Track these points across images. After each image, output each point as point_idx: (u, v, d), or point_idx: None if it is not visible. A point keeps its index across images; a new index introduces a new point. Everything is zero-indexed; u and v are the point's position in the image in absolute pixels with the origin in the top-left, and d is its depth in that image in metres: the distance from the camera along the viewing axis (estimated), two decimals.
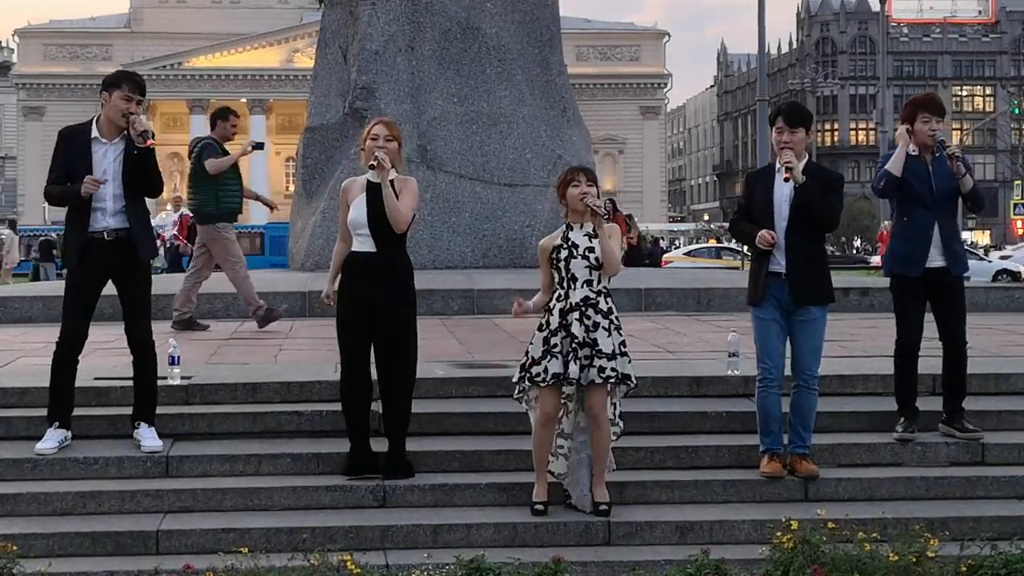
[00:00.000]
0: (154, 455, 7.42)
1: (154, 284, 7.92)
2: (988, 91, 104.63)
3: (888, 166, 7.86)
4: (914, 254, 7.81)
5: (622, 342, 7.01)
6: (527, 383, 7.01)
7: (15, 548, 6.06)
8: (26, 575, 6.03)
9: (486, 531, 6.89)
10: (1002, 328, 12.03)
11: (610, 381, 6.92)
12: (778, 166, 7.44)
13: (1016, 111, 77.21)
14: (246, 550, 6.12)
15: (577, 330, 6.92)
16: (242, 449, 7.58)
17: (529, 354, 7.02)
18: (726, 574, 5.99)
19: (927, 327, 7.94)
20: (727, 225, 8.52)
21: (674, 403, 8.25)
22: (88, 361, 8.87)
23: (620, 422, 7.15)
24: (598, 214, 6.98)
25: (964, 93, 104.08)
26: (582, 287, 7.00)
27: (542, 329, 7.02)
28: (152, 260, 7.81)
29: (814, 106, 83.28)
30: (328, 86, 17.06)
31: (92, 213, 7.45)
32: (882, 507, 7.22)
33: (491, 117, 16.58)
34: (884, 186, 7.84)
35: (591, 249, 7.02)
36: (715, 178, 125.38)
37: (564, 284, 7.03)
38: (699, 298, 14.10)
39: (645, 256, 44.28)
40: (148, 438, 7.49)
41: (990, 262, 42.79)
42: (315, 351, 10.02)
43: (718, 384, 8.42)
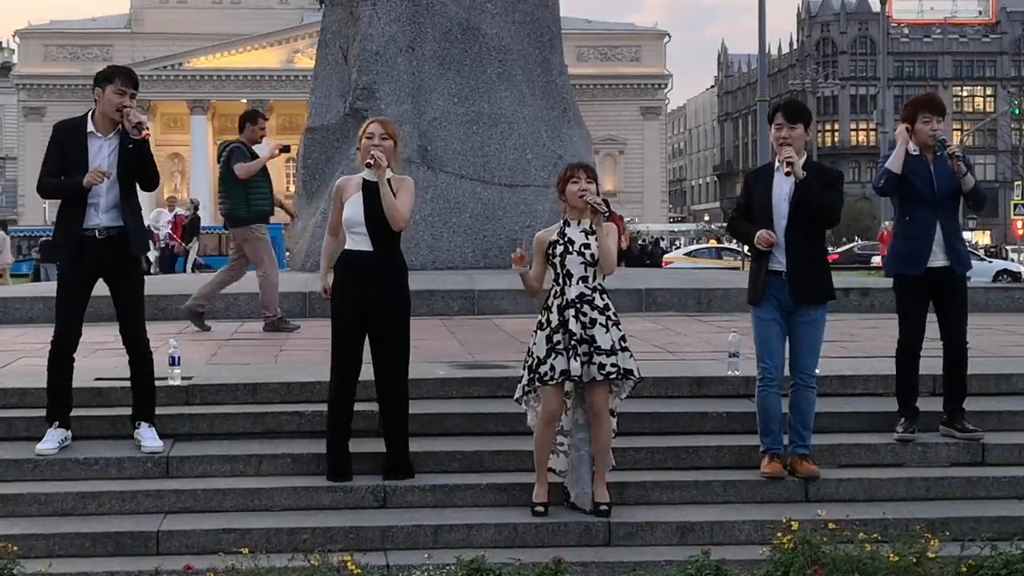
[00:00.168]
0: (154, 455, 7.42)
1: (151, 284, 7.92)
2: (988, 91, 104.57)
3: (888, 164, 7.87)
4: (917, 253, 7.80)
5: (622, 337, 6.99)
6: (537, 383, 6.98)
7: (16, 548, 6.06)
8: (26, 575, 6.04)
9: (486, 531, 6.89)
10: (1002, 328, 12.02)
11: (610, 377, 6.92)
12: (777, 163, 7.44)
13: (1016, 111, 77.12)
14: (246, 550, 6.12)
15: (574, 326, 6.91)
16: (242, 449, 7.58)
17: (534, 354, 7.01)
18: (726, 575, 5.99)
19: (928, 327, 7.94)
20: (727, 225, 8.51)
21: (674, 403, 8.25)
22: (88, 361, 8.88)
23: (614, 420, 7.12)
24: (597, 211, 6.97)
25: (964, 93, 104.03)
26: (577, 283, 6.99)
27: (543, 328, 7.02)
28: (144, 255, 7.76)
29: (814, 106, 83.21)
30: (328, 86, 17.06)
31: (86, 209, 7.42)
32: (883, 507, 7.22)
33: (492, 118, 16.56)
34: (885, 184, 7.85)
35: (587, 246, 7.01)
36: (715, 178, 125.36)
37: (560, 280, 7.03)
38: (699, 298, 14.10)
39: (646, 257, 44.38)
40: (148, 438, 7.48)
41: (990, 263, 42.83)
42: (315, 352, 10.00)
43: (718, 384, 8.42)
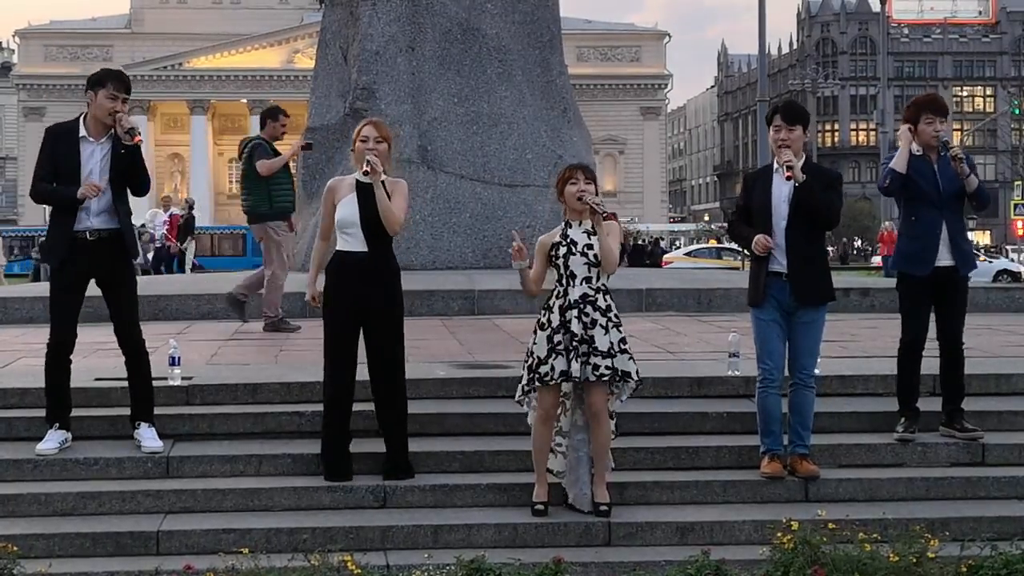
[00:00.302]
0: (155, 455, 7.42)
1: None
2: (988, 91, 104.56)
3: (892, 163, 7.86)
4: (923, 253, 7.79)
5: (621, 339, 6.99)
6: (536, 383, 6.98)
7: (16, 548, 6.06)
8: (26, 575, 6.04)
9: (486, 532, 6.89)
10: (1002, 328, 12.01)
11: (604, 379, 6.92)
12: (776, 166, 7.44)
13: (1016, 111, 77.09)
14: (247, 550, 6.13)
15: (576, 327, 6.91)
16: (243, 449, 7.58)
17: (534, 354, 7.00)
18: (726, 575, 5.99)
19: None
20: (727, 228, 8.49)
21: (674, 404, 8.25)
22: (88, 361, 8.89)
23: (613, 422, 7.12)
24: (596, 212, 6.97)
25: (964, 93, 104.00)
26: (581, 284, 6.99)
27: (544, 328, 7.01)
28: (134, 259, 7.78)
29: (814, 107, 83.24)
30: (328, 87, 17.07)
31: (77, 212, 7.42)
32: (882, 507, 7.21)
33: (492, 118, 16.57)
34: (890, 184, 7.85)
35: (589, 246, 7.01)
36: (715, 178, 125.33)
37: (563, 281, 7.03)
38: (699, 298, 14.10)
39: (646, 257, 44.40)
40: (148, 438, 7.48)
41: (990, 263, 42.83)
42: (316, 352, 9.91)
43: (719, 385, 8.42)
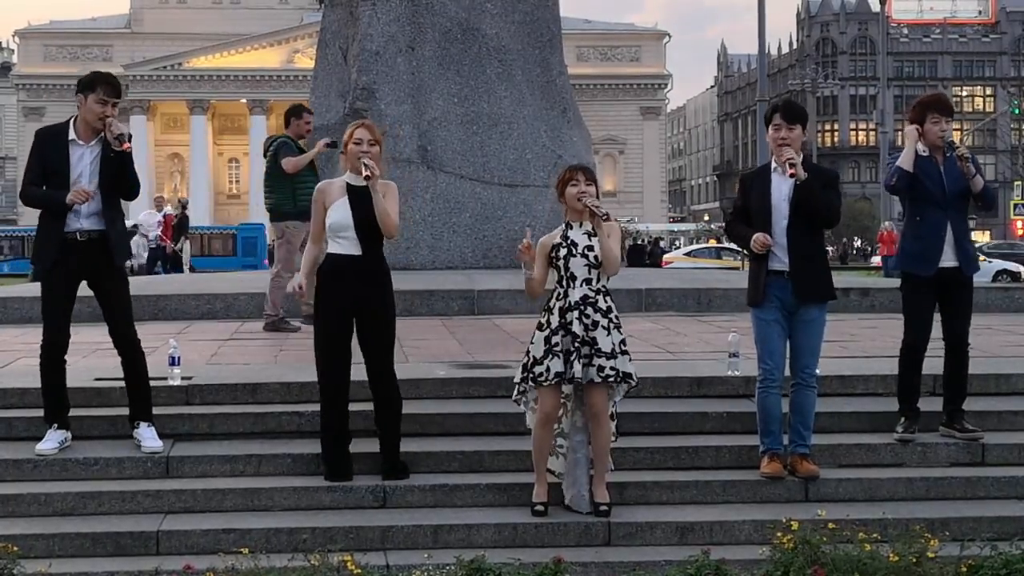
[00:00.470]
0: (154, 455, 7.42)
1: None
2: (988, 91, 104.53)
3: (899, 162, 7.85)
4: (928, 253, 7.78)
5: (622, 340, 7.00)
6: (530, 383, 7.00)
7: (16, 548, 6.06)
8: (26, 575, 6.03)
9: (486, 531, 6.89)
10: (1002, 328, 12.01)
11: (609, 380, 6.93)
12: (774, 165, 7.43)
13: (1016, 111, 77.09)
14: (246, 551, 6.12)
15: (577, 328, 6.91)
16: (242, 449, 7.58)
17: (531, 354, 7.01)
18: (726, 575, 5.99)
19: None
20: (725, 228, 8.48)
21: (674, 404, 8.25)
22: (88, 361, 8.89)
23: (614, 423, 7.13)
24: (596, 213, 6.97)
25: (964, 93, 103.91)
26: (581, 285, 7.00)
27: (543, 328, 7.02)
28: (123, 263, 7.78)
29: (814, 107, 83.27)
30: (328, 87, 17.05)
31: (67, 214, 7.41)
32: (882, 507, 7.21)
33: (491, 118, 16.56)
34: (897, 182, 7.83)
35: (590, 248, 7.01)
36: (715, 178, 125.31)
37: (564, 283, 7.03)
38: (699, 298, 14.10)
39: (646, 257, 44.43)
40: (148, 438, 7.48)
41: (990, 263, 42.83)
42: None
43: (718, 384, 8.42)
